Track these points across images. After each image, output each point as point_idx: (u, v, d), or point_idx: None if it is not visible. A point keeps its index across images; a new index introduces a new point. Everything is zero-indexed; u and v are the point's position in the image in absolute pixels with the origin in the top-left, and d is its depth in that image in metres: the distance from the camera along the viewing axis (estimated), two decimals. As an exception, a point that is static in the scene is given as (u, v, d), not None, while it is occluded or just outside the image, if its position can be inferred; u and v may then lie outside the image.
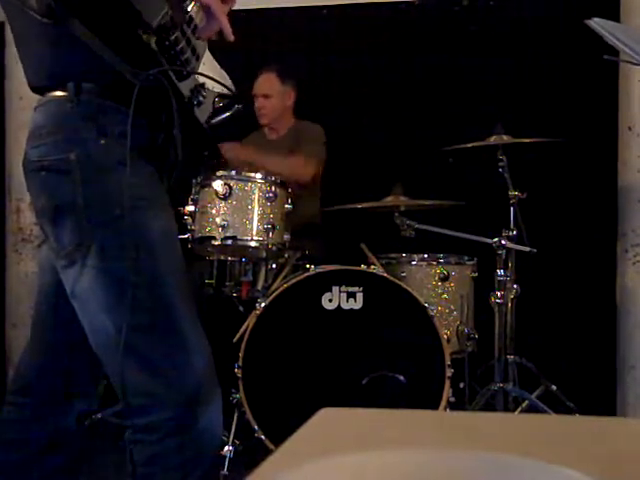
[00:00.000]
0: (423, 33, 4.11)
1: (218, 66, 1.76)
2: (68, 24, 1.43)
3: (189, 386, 1.51)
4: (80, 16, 1.42)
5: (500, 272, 3.02)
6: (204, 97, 1.59)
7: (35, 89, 1.59)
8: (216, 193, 2.71)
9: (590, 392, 3.50)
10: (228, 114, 1.66)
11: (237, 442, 2.74)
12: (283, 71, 3.67)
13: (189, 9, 1.53)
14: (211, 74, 1.66)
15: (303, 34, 4.25)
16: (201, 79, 1.62)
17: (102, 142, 1.49)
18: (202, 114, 1.62)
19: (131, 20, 1.39)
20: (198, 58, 1.61)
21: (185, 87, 1.55)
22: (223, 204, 2.71)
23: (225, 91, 1.69)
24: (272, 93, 3.64)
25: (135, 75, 1.45)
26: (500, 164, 3.09)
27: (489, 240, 3.02)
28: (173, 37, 1.47)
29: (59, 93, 1.52)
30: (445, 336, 2.81)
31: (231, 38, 1.56)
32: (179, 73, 1.51)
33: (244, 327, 2.80)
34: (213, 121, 1.63)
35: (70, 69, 1.50)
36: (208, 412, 1.52)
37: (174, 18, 1.48)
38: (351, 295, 2.81)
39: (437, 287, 3.10)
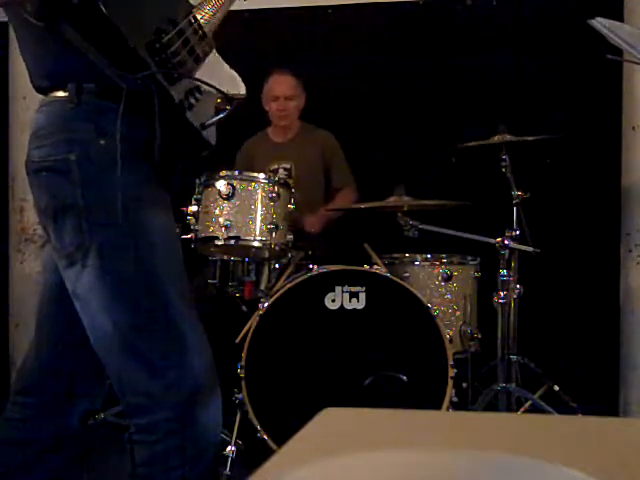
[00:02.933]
0: (427, 33, 4.11)
1: (228, 67, 1.75)
2: (57, 27, 1.43)
3: (188, 386, 1.51)
4: (68, 19, 1.42)
5: (503, 272, 3.01)
6: (197, 100, 1.58)
7: (38, 89, 1.60)
8: (219, 193, 2.71)
9: (593, 392, 3.49)
10: (221, 116, 1.65)
11: (239, 442, 2.74)
12: (296, 72, 3.70)
13: (194, 10, 1.54)
14: (217, 74, 1.66)
15: (308, 34, 4.25)
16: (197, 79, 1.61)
17: (102, 142, 1.49)
18: (197, 116, 1.60)
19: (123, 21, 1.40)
20: (197, 59, 1.60)
21: (178, 90, 1.54)
22: (226, 204, 2.71)
23: (233, 91, 1.69)
24: (294, 94, 3.67)
25: (122, 78, 1.45)
26: (503, 164, 3.09)
27: (492, 240, 3.02)
28: (165, 39, 1.46)
29: (60, 94, 1.52)
30: (448, 336, 2.80)
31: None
32: (169, 76, 1.51)
33: (247, 327, 2.80)
34: (207, 123, 1.62)
35: (70, 70, 1.50)
36: (208, 412, 1.53)
37: (179, 19, 1.48)
38: (354, 295, 2.80)
39: (440, 287, 3.09)
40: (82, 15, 1.39)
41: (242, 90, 1.74)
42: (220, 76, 1.69)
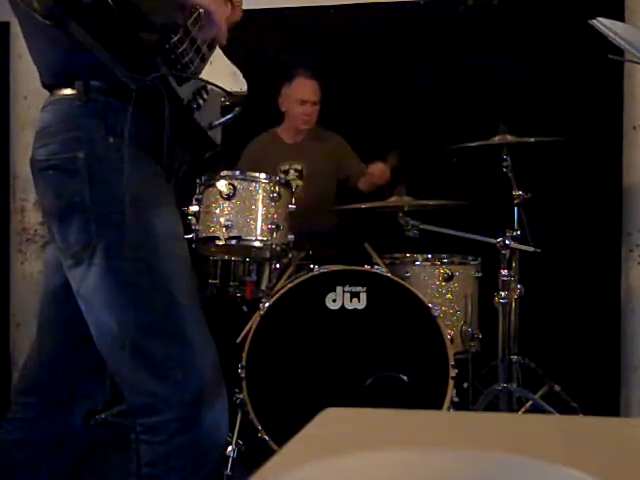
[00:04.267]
0: (428, 33, 4.11)
1: (230, 63, 1.75)
2: (67, 27, 1.43)
3: (193, 386, 1.51)
4: (80, 19, 1.41)
5: (504, 272, 3.01)
6: (204, 100, 1.58)
7: (45, 86, 1.60)
8: (220, 193, 2.71)
9: (594, 392, 3.49)
10: (230, 116, 1.66)
11: (240, 442, 2.74)
12: (316, 77, 3.71)
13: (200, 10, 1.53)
14: (221, 72, 1.66)
15: (309, 34, 4.25)
16: (205, 80, 1.61)
17: (110, 141, 1.49)
18: (204, 116, 1.61)
19: (134, 20, 1.39)
20: (204, 59, 1.60)
21: (186, 90, 1.54)
22: (227, 204, 2.71)
23: (236, 89, 1.69)
24: (318, 99, 3.69)
25: (133, 80, 1.45)
26: (504, 164, 3.09)
27: (493, 240, 3.02)
28: (175, 39, 1.46)
29: (68, 91, 1.52)
30: (449, 336, 2.81)
31: (223, 43, 1.59)
32: (178, 77, 1.51)
33: (248, 327, 2.80)
34: (215, 123, 1.62)
35: (78, 68, 1.50)
36: (213, 412, 1.52)
37: (178, 19, 1.48)
38: (355, 295, 2.80)
39: (441, 287, 3.09)
40: (92, 15, 1.38)
41: (244, 87, 1.74)
42: (223, 73, 1.69)
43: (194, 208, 2.75)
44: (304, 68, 3.75)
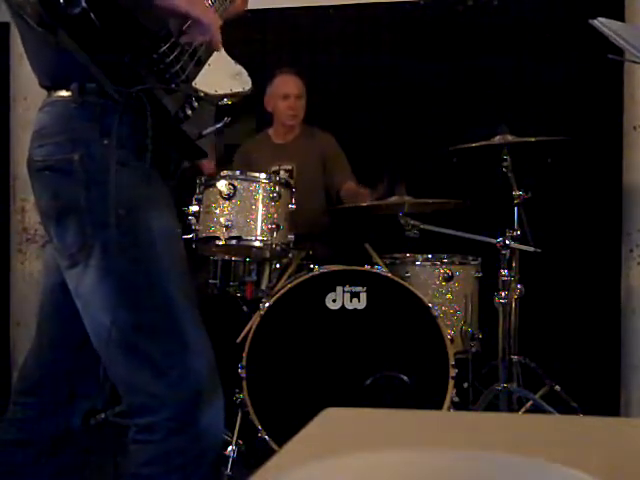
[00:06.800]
0: (428, 33, 4.11)
1: (233, 63, 1.74)
2: (57, 35, 1.43)
3: (190, 386, 1.51)
4: (68, 29, 1.41)
5: (504, 272, 3.01)
6: (194, 109, 1.57)
7: (44, 87, 1.60)
8: (220, 193, 2.71)
9: (594, 392, 3.49)
10: (219, 126, 1.65)
11: (240, 442, 2.74)
12: (300, 73, 3.70)
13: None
14: (220, 74, 1.65)
15: (309, 34, 4.25)
16: (196, 86, 1.60)
17: (105, 142, 1.49)
18: (194, 124, 1.59)
19: (126, 27, 1.39)
20: (199, 62, 1.59)
21: (175, 99, 1.53)
22: (227, 204, 2.71)
23: (237, 89, 1.69)
24: (302, 93, 3.68)
25: (118, 93, 1.45)
26: (504, 164, 3.08)
27: (493, 240, 3.02)
28: (165, 48, 1.45)
29: (63, 93, 1.52)
30: (449, 336, 2.81)
31: (217, 49, 1.58)
32: (166, 88, 1.50)
33: (248, 327, 2.80)
34: (204, 132, 1.61)
35: (73, 70, 1.50)
36: (209, 412, 1.52)
37: (171, 25, 1.48)
38: (355, 295, 2.81)
39: (441, 287, 3.09)
40: (79, 26, 1.38)
41: (247, 86, 1.73)
42: (222, 75, 1.68)
43: (194, 208, 2.75)
44: (287, 65, 3.75)
